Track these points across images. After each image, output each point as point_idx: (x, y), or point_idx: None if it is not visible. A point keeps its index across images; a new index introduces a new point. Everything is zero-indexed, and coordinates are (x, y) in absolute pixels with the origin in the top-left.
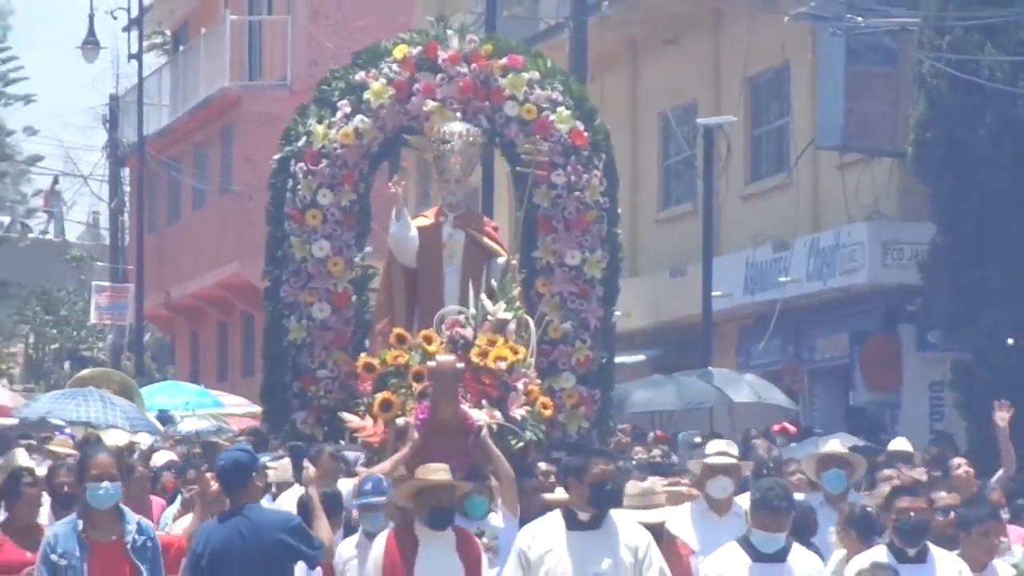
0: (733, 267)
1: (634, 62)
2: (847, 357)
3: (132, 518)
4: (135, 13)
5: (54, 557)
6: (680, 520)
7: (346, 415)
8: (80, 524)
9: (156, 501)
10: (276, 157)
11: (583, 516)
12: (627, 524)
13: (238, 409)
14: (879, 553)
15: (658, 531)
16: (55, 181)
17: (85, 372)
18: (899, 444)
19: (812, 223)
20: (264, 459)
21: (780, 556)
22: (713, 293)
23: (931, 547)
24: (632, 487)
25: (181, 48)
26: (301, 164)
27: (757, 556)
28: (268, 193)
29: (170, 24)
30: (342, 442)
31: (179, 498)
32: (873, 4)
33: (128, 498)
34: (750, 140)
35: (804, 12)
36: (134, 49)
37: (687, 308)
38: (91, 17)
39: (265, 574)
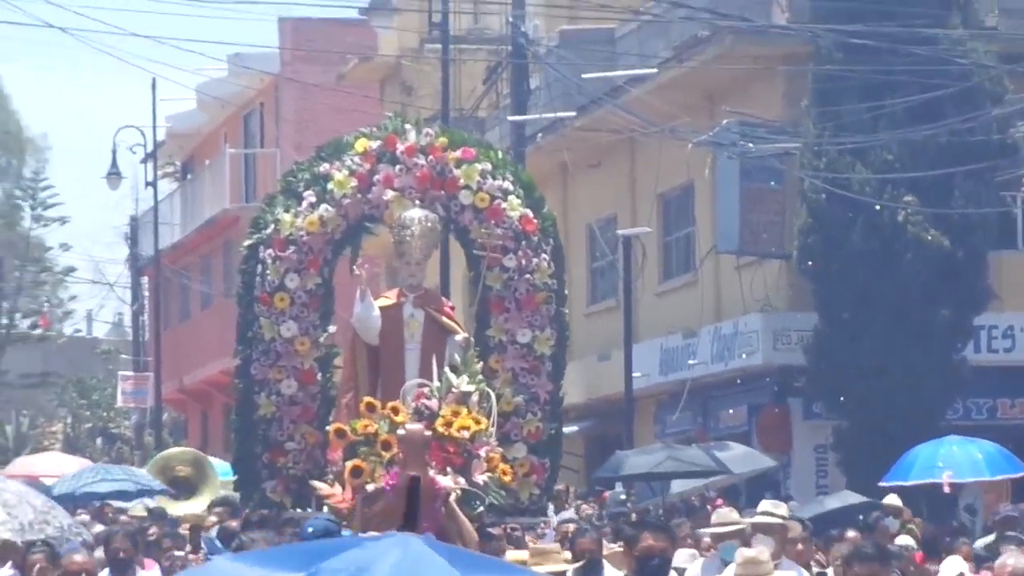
0: (650, 352)
1: (564, 182)
2: (746, 425)
3: None
4: (151, 148)
5: None
6: None
7: (316, 483)
8: None
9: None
10: (246, 244)
11: None
12: None
13: None
14: None
15: None
16: None
17: (167, 452)
18: (891, 500)
19: (715, 315)
20: None
21: None
22: (634, 374)
23: None
24: (739, 555)
25: (189, 176)
26: (269, 250)
27: None
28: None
29: (180, 157)
30: (309, 509)
31: None
32: (762, 133)
33: None
34: (662, 246)
35: (705, 139)
36: (150, 178)
37: (612, 387)
38: (114, 152)
39: None
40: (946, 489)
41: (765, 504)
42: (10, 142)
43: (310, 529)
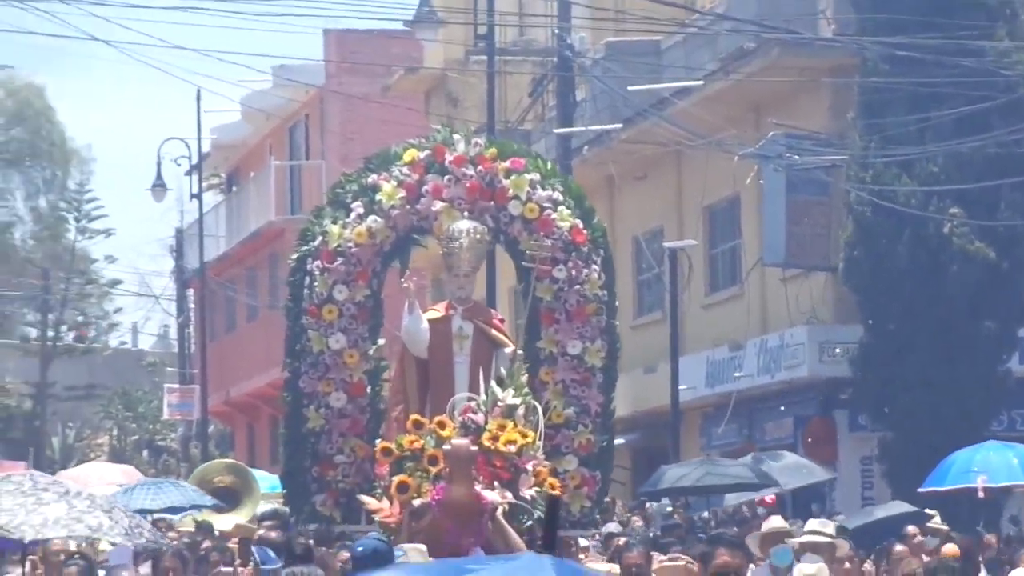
0: (696, 365)
1: (610, 195)
2: (792, 438)
3: None
4: (196, 160)
5: None
6: None
7: (364, 498)
8: None
9: None
10: (294, 256)
11: None
12: None
13: None
14: None
15: None
16: None
17: (204, 465)
18: (933, 520)
19: (761, 327)
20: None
21: None
22: (680, 387)
23: None
24: (797, 572)
25: (234, 188)
26: (317, 262)
27: None
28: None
29: (225, 168)
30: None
31: None
32: (808, 145)
33: None
34: (708, 259)
35: (751, 152)
36: (195, 190)
37: (659, 399)
38: (159, 164)
39: None
40: (980, 494)
41: (813, 523)
42: (55, 154)
43: (360, 548)
